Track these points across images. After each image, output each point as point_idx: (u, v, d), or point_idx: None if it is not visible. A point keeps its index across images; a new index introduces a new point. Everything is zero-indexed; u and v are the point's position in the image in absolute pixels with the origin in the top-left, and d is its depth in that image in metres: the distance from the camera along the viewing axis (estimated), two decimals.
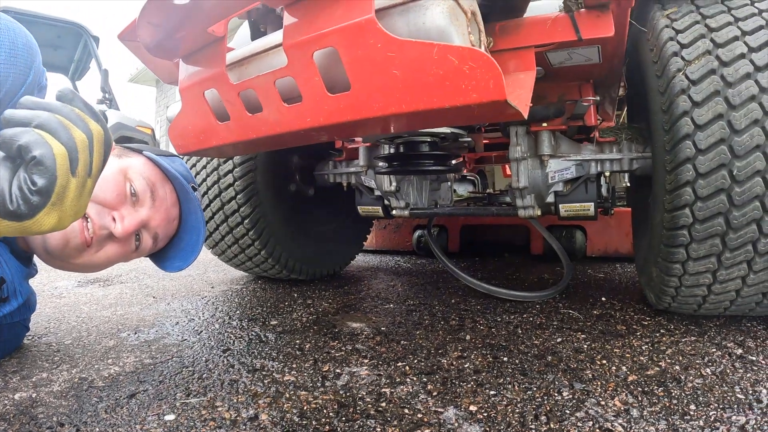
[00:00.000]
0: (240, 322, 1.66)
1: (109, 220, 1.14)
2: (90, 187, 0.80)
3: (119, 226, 1.14)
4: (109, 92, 5.92)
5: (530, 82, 1.09)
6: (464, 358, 1.26)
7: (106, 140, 0.81)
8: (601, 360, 1.22)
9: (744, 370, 1.13)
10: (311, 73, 0.95)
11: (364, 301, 1.95)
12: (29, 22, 5.13)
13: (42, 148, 0.70)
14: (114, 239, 1.16)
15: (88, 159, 0.77)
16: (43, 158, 0.69)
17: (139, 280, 2.60)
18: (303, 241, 2.32)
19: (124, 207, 1.17)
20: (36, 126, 0.71)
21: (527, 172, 1.71)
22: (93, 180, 0.81)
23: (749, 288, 1.30)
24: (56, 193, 0.72)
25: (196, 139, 1.27)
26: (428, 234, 2.47)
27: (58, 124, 0.73)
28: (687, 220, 1.23)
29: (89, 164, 0.78)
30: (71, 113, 0.76)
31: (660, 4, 1.36)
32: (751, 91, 1.14)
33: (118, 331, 1.58)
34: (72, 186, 0.75)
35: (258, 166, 2.05)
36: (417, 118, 0.93)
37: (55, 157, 0.71)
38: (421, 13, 0.87)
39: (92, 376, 1.19)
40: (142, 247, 1.24)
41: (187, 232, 1.33)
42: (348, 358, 1.28)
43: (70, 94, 0.79)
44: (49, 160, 0.70)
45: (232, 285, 2.39)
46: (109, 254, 1.18)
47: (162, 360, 1.30)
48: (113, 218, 1.14)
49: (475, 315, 1.67)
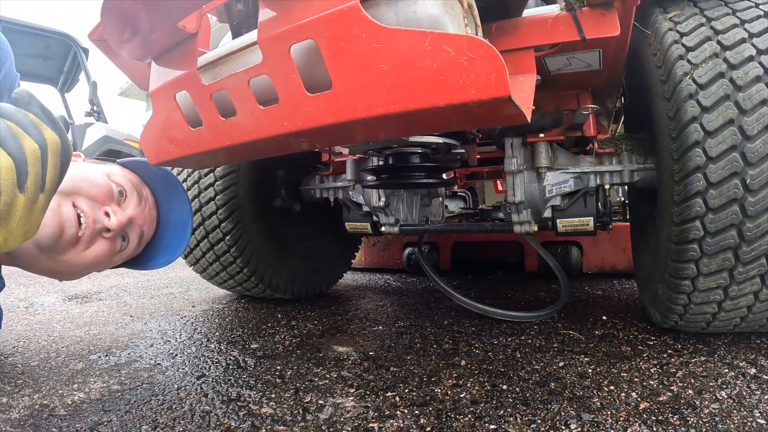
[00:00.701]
0: (218, 345, 1.55)
1: (102, 215, 1.13)
2: (43, 204, 0.71)
3: (113, 219, 1.13)
4: (98, 105, 5.84)
5: (531, 84, 1.00)
6: (460, 386, 1.16)
7: (63, 151, 0.72)
8: (608, 385, 1.12)
9: (761, 392, 1.06)
10: (288, 70, 0.85)
11: (352, 322, 1.85)
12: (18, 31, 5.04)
13: None
14: (103, 237, 1.14)
15: (40, 172, 0.68)
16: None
17: (119, 297, 2.49)
18: (288, 259, 2.22)
19: (112, 205, 1.16)
20: None
21: (523, 185, 1.62)
22: (47, 196, 0.71)
23: (761, 304, 1.23)
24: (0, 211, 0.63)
25: (169, 148, 1.17)
26: (419, 251, 2.37)
27: (6, 131, 0.64)
28: (698, 233, 1.15)
29: (41, 178, 0.68)
30: (24, 119, 0.67)
31: (662, 8, 1.30)
32: (763, 94, 1.07)
33: (89, 352, 1.50)
34: (19, 203, 0.65)
35: (240, 180, 1.95)
36: (407, 121, 0.83)
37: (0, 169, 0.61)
38: (412, 2, 0.78)
39: (55, 402, 1.11)
40: (128, 247, 1.23)
41: (168, 230, 1.33)
42: (332, 387, 1.17)
43: (26, 97, 0.70)
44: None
45: (213, 304, 2.28)
46: (97, 253, 1.14)
47: (131, 386, 1.21)
48: (106, 213, 1.13)
49: (469, 337, 1.57)
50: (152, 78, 1.13)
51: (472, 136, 1.64)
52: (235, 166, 1.93)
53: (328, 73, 0.82)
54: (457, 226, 2.06)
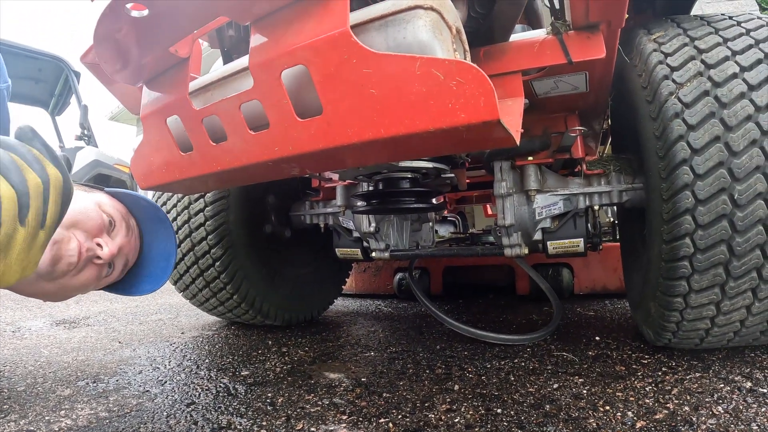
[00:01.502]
0: (208, 372, 1.53)
1: (94, 245, 1.16)
2: (42, 242, 0.70)
3: (105, 250, 1.17)
4: (88, 129, 5.80)
5: (519, 108, 1.02)
6: (454, 411, 1.14)
7: (65, 189, 0.71)
8: (603, 406, 1.11)
9: (757, 405, 1.06)
10: (279, 96, 0.86)
11: (343, 348, 1.83)
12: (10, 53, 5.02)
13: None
14: (93, 263, 1.17)
15: (41, 208, 0.67)
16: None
17: (107, 323, 2.45)
18: (278, 285, 2.20)
19: (104, 236, 1.20)
20: None
21: (513, 208, 1.63)
22: (47, 233, 0.70)
23: (754, 317, 1.23)
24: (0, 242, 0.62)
25: (159, 172, 1.17)
26: (410, 276, 2.36)
27: (10, 162, 0.63)
28: (688, 250, 1.16)
29: (42, 214, 0.67)
30: (28, 153, 0.67)
31: (646, 29, 1.33)
32: (747, 111, 1.09)
33: (77, 378, 1.48)
34: (19, 236, 0.64)
35: (231, 206, 1.94)
36: (397, 145, 0.84)
37: (1, 200, 0.61)
38: (402, 27, 0.79)
39: (41, 429, 1.10)
40: (113, 273, 1.26)
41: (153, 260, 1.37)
42: (324, 414, 1.15)
43: (29, 132, 0.70)
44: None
45: (203, 331, 2.25)
46: (86, 277, 1.17)
47: (119, 414, 1.18)
48: (98, 243, 1.17)
49: (462, 362, 1.56)
50: (143, 102, 1.14)
51: (461, 160, 1.65)
52: (226, 191, 1.92)
53: (319, 98, 0.82)
54: (447, 250, 2.05)
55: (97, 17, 0.87)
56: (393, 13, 0.81)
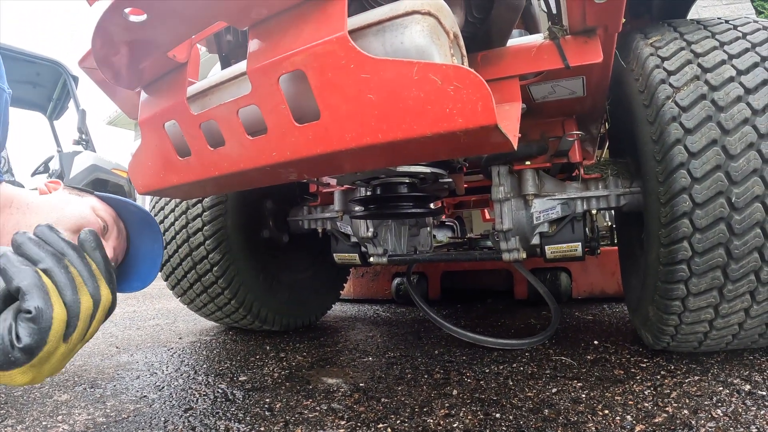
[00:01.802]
0: (206, 378, 1.52)
1: None
2: (77, 350, 0.69)
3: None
4: (86, 133, 5.79)
5: (516, 113, 1.02)
6: (452, 416, 1.14)
7: (111, 308, 0.70)
8: (602, 410, 1.11)
9: (756, 407, 1.06)
10: (277, 101, 0.85)
11: (341, 353, 1.82)
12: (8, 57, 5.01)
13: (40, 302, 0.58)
14: None
15: (86, 327, 0.66)
16: (38, 317, 0.58)
17: (104, 328, 2.45)
18: (276, 290, 2.19)
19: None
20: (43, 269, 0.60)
21: (511, 213, 1.63)
22: (83, 344, 0.69)
23: (752, 320, 1.23)
24: (40, 357, 0.60)
25: (157, 177, 1.17)
26: (408, 281, 2.36)
27: (67, 277, 0.62)
28: (686, 253, 1.16)
29: (84, 331, 0.66)
30: (86, 269, 0.65)
31: (642, 34, 1.33)
32: (744, 114, 1.09)
33: (74, 383, 1.47)
34: (59, 352, 0.63)
35: (228, 211, 1.94)
36: (395, 150, 0.84)
37: (53, 320, 0.59)
38: (399, 32, 0.79)
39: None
40: None
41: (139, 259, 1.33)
42: (323, 420, 1.14)
43: (93, 241, 0.68)
44: (44, 322, 0.58)
45: (201, 336, 2.24)
46: None
47: (117, 419, 1.18)
48: None
49: (461, 367, 1.55)
50: (141, 107, 1.13)
51: (459, 165, 1.66)
52: (223, 196, 1.92)
53: (317, 103, 0.82)
54: (445, 255, 2.05)
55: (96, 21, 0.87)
56: (390, 18, 0.81)
